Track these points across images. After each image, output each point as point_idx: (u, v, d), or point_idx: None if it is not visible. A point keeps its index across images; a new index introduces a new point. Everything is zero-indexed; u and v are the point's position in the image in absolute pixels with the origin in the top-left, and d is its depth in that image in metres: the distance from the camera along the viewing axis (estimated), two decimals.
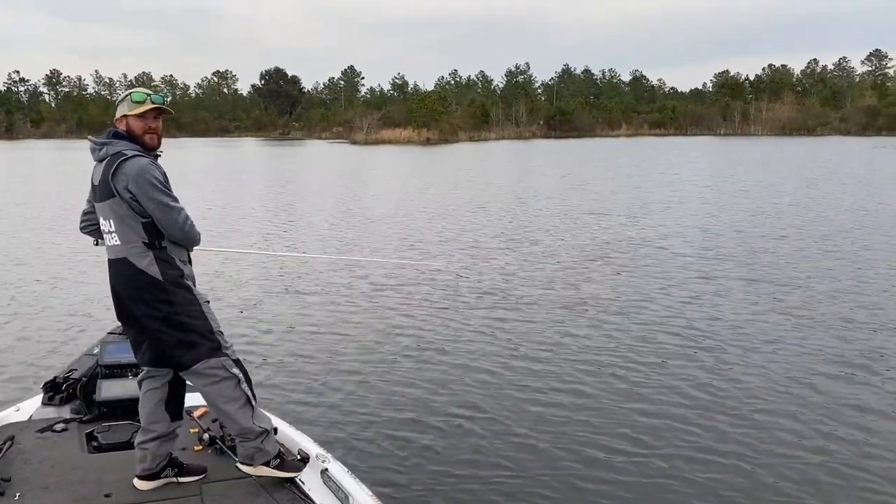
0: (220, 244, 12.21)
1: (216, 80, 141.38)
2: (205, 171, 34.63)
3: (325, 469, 3.24)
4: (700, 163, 37.59)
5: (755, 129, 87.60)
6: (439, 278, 10.09)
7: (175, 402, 3.27)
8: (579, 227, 14.92)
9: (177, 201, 3.04)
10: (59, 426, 3.75)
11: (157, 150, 3.15)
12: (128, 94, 3.14)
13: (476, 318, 8.03)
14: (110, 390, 3.88)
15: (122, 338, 3.96)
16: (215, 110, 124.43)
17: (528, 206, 19.04)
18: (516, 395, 5.78)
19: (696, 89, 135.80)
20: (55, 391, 4.05)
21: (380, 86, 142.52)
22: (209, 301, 3.21)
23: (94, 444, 3.58)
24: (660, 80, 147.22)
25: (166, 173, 3.08)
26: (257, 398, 3.27)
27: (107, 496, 3.09)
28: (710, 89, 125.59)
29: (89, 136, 3.18)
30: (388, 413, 5.43)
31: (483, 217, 16.64)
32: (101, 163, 3.05)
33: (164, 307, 3.03)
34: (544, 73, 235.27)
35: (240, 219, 16.81)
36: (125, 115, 3.10)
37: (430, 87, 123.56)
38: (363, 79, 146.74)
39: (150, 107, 3.10)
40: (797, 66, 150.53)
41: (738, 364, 6.46)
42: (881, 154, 44.10)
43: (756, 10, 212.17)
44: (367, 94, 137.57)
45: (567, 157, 45.62)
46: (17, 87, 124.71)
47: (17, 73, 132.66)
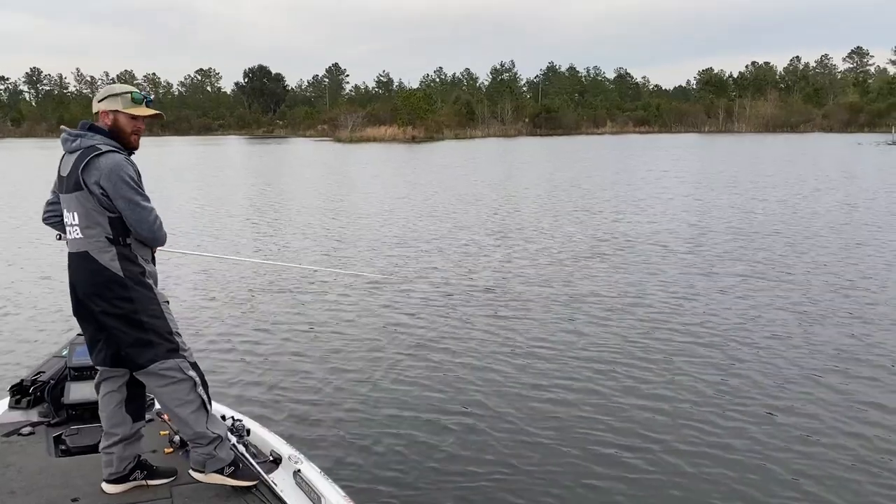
0: (186, 246, 11.96)
1: (199, 78, 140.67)
2: (183, 168, 34.34)
3: (298, 470, 3.20)
4: (687, 160, 37.75)
5: (739, 127, 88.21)
6: (419, 278, 10.05)
7: (135, 402, 3.19)
8: (573, 223, 14.92)
9: (148, 200, 2.98)
10: (27, 430, 3.68)
11: (135, 150, 3.10)
12: (127, 92, 3.06)
13: (453, 317, 7.97)
14: (79, 392, 3.80)
15: None
16: (199, 108, 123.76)
17: (518, 203, 19.02)
18: (495, 394, 5.73)
19: (681, 87, 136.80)
20: (22, 394, 3.97)
21: (364, 83, 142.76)
22: (168, 301, 3.15)
23: (62, 447, 3.51)
24: (644, 77, 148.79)
25: (139, 171, 3.02)
26: (213, 403, 3.20)
27: (74, 500, 3.03)
28: (695, 87, 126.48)
29: (63, 126, 3.10)
30: (362, 414, 5.38)
31: (474, 215, 16.59)
32: (72, 154, 2.98)
33: (124, 305, 2.96)
34: (529, 70, 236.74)
35: (215, 220, 16.60)
36: (116, 111, 3.03)
37: (415, 84, 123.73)
38: (348, 77, 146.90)
39: (149, 113, 3.07)
40: (780, 63, 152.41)
41: (742, 359, 6.45)
42: (864, 150, 44.52)
43: (738, 7, 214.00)
44: (351, 91, 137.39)
45: (553, 155, 45.73)
46: None
47: None
